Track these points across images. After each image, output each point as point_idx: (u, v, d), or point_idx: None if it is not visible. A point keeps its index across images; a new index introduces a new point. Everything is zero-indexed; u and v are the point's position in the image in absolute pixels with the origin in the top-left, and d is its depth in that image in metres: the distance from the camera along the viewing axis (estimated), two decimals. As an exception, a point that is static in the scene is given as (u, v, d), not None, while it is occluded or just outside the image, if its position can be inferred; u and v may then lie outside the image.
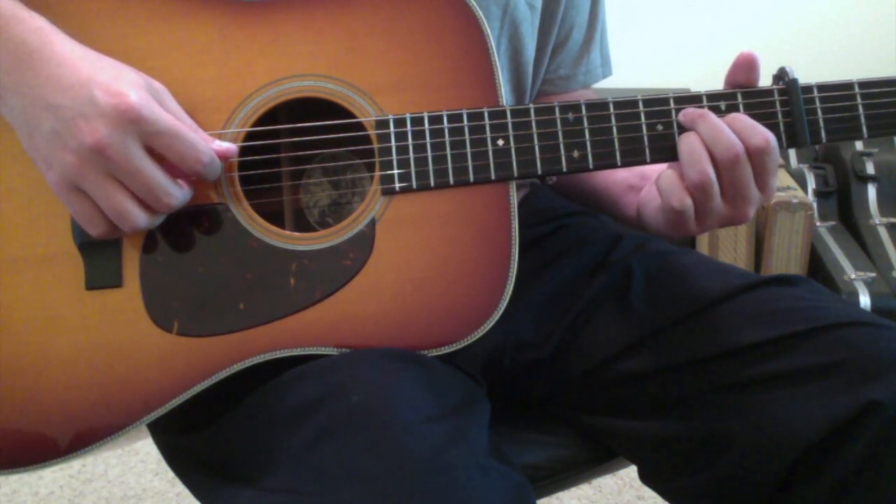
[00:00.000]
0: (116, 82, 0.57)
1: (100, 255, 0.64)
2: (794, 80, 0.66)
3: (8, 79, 0.58)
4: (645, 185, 0.76)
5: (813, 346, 0.67)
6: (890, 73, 0.68)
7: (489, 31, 0.66)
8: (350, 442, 0.54)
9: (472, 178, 0.65)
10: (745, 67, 0.66)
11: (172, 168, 0.60)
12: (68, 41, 0.59)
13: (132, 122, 0.56)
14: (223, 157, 0.62)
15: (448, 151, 0.65)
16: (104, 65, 0.59)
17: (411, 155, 0.65)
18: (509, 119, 0.66)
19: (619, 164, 0.66)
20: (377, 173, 0.65)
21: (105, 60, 0.60)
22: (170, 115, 0.59)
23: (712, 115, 0.64)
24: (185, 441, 0.70)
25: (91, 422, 0.63)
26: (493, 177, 0.65)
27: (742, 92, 0.66)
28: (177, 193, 0.60)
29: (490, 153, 0.65)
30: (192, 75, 0.65)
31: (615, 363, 0.75)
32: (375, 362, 0.61)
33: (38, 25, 0.59)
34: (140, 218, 0.59)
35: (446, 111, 0.65)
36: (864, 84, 0.67)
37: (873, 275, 1.73)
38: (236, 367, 0.63)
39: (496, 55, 0.66)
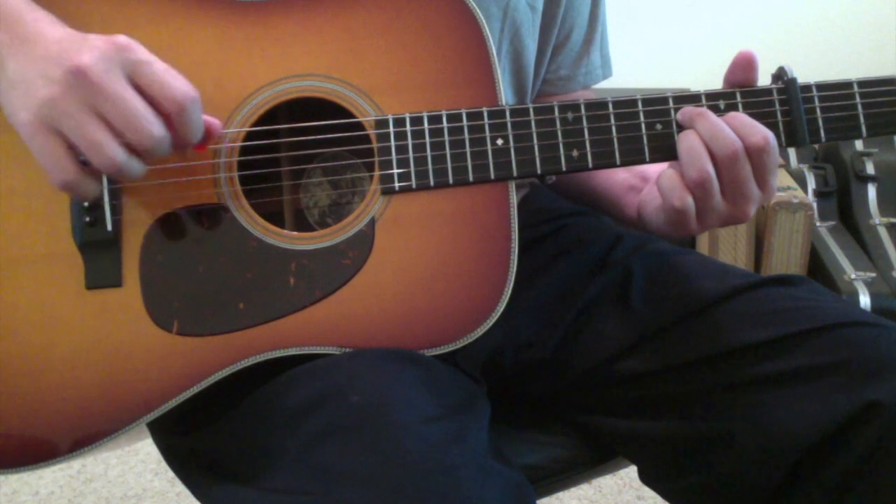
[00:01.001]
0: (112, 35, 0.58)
1: (100, 254, 0.64)
2: (793, 80, 0.66)
3: (10, 49, 0.58)
4: (645, 185, 0.76)
5: (813, 346, 0.67)
6: (889, 72, 0.68)
7: (488, 32, 0.66)
8: (350, 442, 0.54)
9: (471, 178, 0.65)
10: (743, 66, 0.66)
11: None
12: (60, 23, 0.60)
13: (119, 49, 0.56)
14: (210, 129, 0.61)
15: (447, 151, 0.65)
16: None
17: (411, 154, 0.65)
18: (508, 119, 0.66)
19: (618, 163, 0.67)
20: (376, 173, 0.65)
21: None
22: (151, 56, 0.58)
23: (710, 114, 0.65)
24: (185, 441, 0.70)
25: (91, 421, 0.63)
26: (492, 176, 0.65)
27: (741, 91, 0.66)
28: (157, 123, 0.57)
29: (489, 153, 0.65)
30: (191, 76, 0.64)
31: (615, 363, 0.75)
32: (375, 362, 0.61)
33: (37, 15, 0.60)
34: (117, 151, 0.56)
35: (445, 111, 0.65)
36: (863, 83, 0.67)
37: (873, 275, 1.73)
38: (236, 367, 0.63)
39: (496, 55, 0.66)
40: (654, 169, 0.70)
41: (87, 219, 0.63)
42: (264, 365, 0.63)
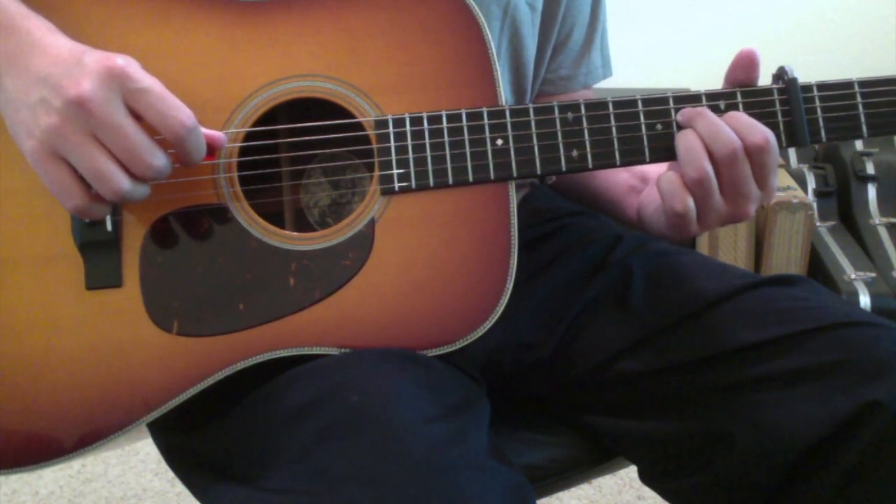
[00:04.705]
0: (107, 53, 0.58)
1: (100, 255, 0.64)
2: (794, 80, 0.66)
3: (6, 63, 0.58)
4: (645, 187, 0.76)
5: (813, 346, 0.67)
6: (890, 72, 0.68)
7: (489, 32, 0.66)
8: (350, 442, 0.54)
9: (471, 178, 0.65)
10: (744, 65, 0.66)
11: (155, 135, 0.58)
12: (63, 35, 0.60)
13: (116, 77, 0.56)
14: (212, 143, 0.61)
15: (447, 151, 0.65)
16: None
17: (410, 155, 0.65)
18: (508, 119, 0.66)
19: (618, 163, 0.66)
20: (376, 173, 0.65)
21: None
22: (156, 80, 0.58)
23: (710, 113, 0.64)
24: (185, 441, 0.70)
25: (91, 422, 0.63)
26: (492, 177, 0.65)
27: (741, 91, 0.66)
28: (159, 154, 0.58)
29: (489, 153, 0.65)
30: (191, 76, 0.65)
31: (615, 363, 0.75)
32: (375, 362, 0.61)
33: (37, 22, 0.60)
34: (123, 181, 0.57)
35: (445, 111, 0.65)
36: (864, 83, 0.67)
37: (873, 275, 1.72)
38: (236, 368, 0.63)
39: (496, 55, 0.66)
40: (655, 170, 0.70)
41: (87, 219, 0.63)
42: (264, 365, 0.63)
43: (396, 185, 0.65)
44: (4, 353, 0.63)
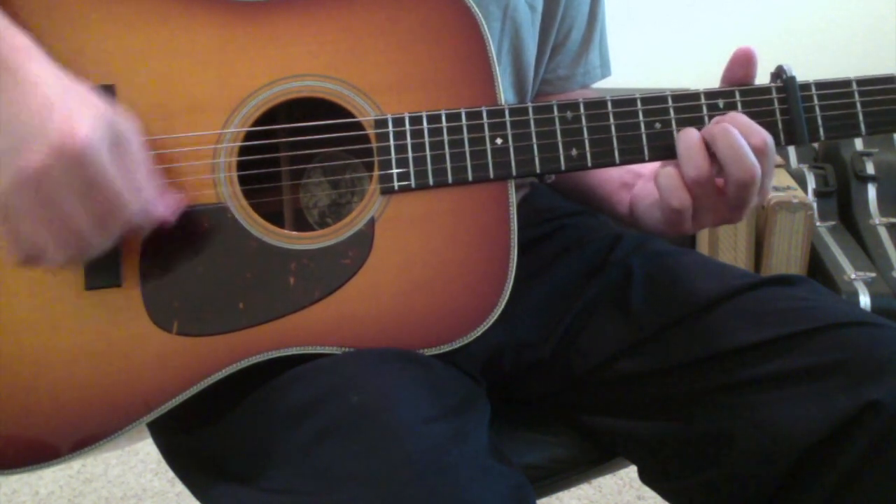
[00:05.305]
0: (76, 114, 0.54)
1: (99, 255, 0.64)
2: (792, 78, 0.66)
3: None
4: (638, 182, 0.76)
5: (813, 346, 0.67)
6: (889, 72, 0.68)
7: (488, 32, 0.66)
8: (350, 442, 0.54)
9: (470, 177, 0.65)
10: (742, 62, 0.66)
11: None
12: (46, 63, 0.57)
13: (71, 158, 0.53)
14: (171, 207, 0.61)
15: (447, 150, 0.65)
16: (74, 94, 0.56)
17: (410, 154, 0.65)
18: (507, 118, 0.66)
19: (617, 162, 0.66)
20: (376, 173, 0.65)
21: (78, 88, 0.57)
22: (115, 168, 0.55)
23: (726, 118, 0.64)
24: (185, 441, 0.70)
25: (91, 422, 0.63)
26: (491, 175, 0.65)
27: (740, 90, 0.66)
28: (95, 241, 0.57)
29: (489, 152, 0.65)
30: (191, 76, 0.65)
31: (615, 363, 0.75)
32: (375, 362, 0.61)
33: (19, 43, 0.57)
34: (52, 260, 0.56)
35: (445, 110, 0.65)
36: (862, 82, 0.67)
37: (873, 275, 1.72)
38: (236, 367, 0.63)
39: (496, 55, 0.66)
40: (648, 166, 0.70)
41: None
42: (264, 365, 0.63)
43: (396, 184, 0.65)
44: (4, 353, 0.63)
